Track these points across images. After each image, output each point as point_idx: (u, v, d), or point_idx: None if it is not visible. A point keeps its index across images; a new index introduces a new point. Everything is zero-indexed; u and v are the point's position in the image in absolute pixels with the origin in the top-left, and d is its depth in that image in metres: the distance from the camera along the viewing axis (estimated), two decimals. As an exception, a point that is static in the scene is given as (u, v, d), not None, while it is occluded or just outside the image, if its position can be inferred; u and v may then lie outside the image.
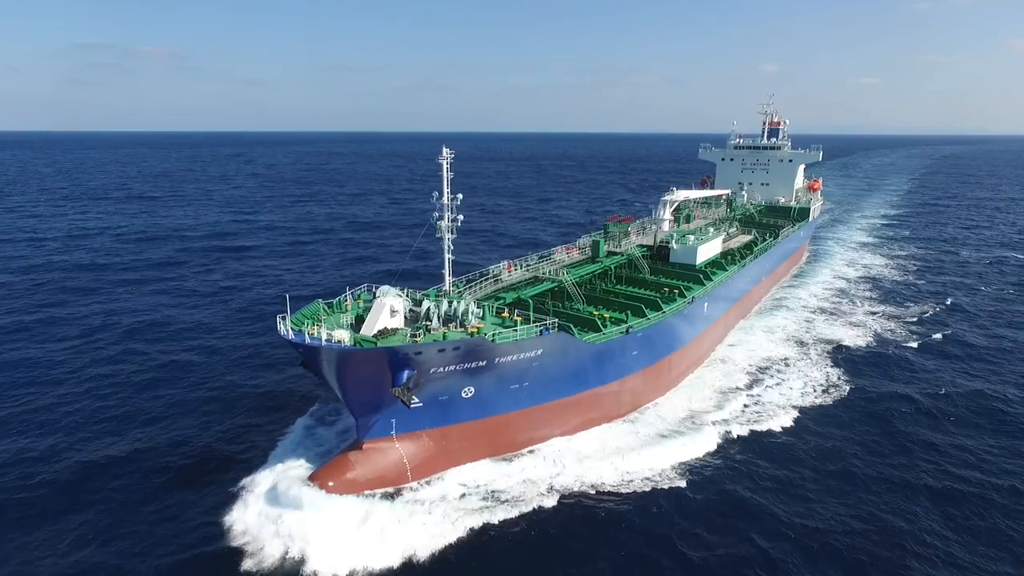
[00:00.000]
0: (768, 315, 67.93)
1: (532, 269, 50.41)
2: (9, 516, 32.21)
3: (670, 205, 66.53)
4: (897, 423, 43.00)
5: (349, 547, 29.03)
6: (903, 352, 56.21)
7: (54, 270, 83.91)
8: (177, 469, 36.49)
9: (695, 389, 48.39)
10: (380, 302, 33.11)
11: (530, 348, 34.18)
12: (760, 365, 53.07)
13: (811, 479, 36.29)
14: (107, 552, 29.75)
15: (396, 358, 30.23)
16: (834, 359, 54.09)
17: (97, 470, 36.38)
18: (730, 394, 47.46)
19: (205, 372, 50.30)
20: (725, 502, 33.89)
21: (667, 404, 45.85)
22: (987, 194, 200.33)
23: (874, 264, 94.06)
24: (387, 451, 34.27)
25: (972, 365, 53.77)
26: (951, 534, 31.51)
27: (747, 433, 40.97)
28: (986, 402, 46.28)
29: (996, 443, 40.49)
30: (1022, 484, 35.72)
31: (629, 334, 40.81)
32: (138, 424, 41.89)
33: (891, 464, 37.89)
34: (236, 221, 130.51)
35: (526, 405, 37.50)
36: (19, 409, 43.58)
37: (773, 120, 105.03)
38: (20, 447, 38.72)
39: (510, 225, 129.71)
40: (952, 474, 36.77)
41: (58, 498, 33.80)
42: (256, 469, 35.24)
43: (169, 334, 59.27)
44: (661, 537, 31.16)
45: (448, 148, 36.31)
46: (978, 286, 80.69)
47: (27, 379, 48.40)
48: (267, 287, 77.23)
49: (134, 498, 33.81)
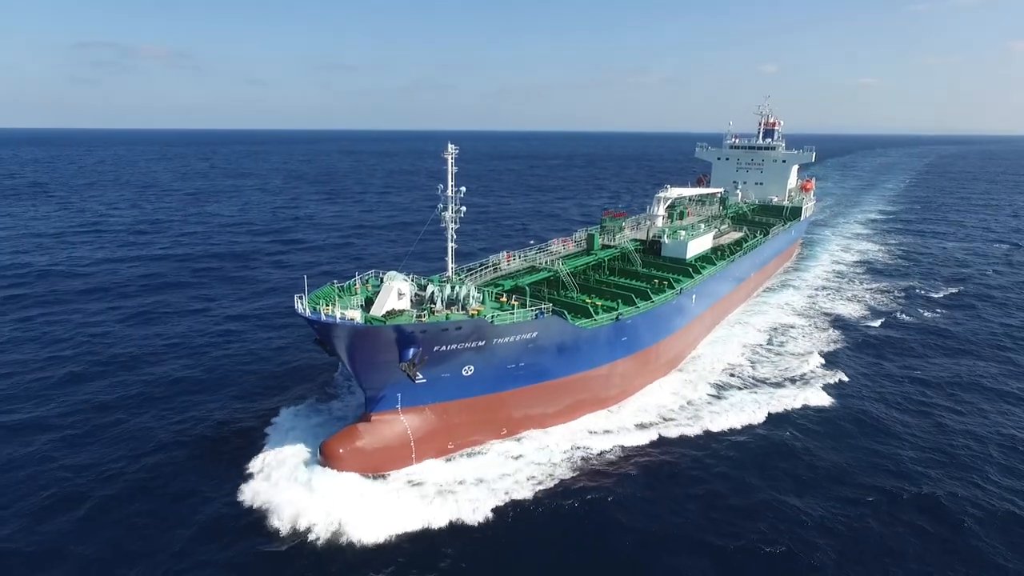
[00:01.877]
0: (759, 304, 71.87)
1: (529, 259, 53.21)
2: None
3: (664, 202, 69.16)
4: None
5: (361, 515, 31.58)
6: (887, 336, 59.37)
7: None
8: (193, 442, 39.66)
9: (686, 373, 51.50)
10: (388, 285, 35.77)
11: (526, 330, 36.91)
12: (743, 354, 56.20)
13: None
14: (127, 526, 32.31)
15: (403, 336, 32.95)
16: (808, 352, 56.96)
17: (131, 441, 39.57)
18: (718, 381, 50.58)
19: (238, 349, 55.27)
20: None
21: (656, 390, 48.61)
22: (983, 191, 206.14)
23: (869, 249, 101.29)
24: (393, 423, 36.99)
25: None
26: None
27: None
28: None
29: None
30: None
31: (619, 321, 43.52)
32: (165, 398, 45.64)
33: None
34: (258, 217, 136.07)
35: (521, 384, 40.21)
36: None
37: (769, 121, 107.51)
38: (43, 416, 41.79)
39: (510, 218, 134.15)
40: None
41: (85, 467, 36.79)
42: (269, 441, 38.38)
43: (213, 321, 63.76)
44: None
45: (453, 145, 39.10)
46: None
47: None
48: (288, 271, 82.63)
49: (156, 469, 36.77)
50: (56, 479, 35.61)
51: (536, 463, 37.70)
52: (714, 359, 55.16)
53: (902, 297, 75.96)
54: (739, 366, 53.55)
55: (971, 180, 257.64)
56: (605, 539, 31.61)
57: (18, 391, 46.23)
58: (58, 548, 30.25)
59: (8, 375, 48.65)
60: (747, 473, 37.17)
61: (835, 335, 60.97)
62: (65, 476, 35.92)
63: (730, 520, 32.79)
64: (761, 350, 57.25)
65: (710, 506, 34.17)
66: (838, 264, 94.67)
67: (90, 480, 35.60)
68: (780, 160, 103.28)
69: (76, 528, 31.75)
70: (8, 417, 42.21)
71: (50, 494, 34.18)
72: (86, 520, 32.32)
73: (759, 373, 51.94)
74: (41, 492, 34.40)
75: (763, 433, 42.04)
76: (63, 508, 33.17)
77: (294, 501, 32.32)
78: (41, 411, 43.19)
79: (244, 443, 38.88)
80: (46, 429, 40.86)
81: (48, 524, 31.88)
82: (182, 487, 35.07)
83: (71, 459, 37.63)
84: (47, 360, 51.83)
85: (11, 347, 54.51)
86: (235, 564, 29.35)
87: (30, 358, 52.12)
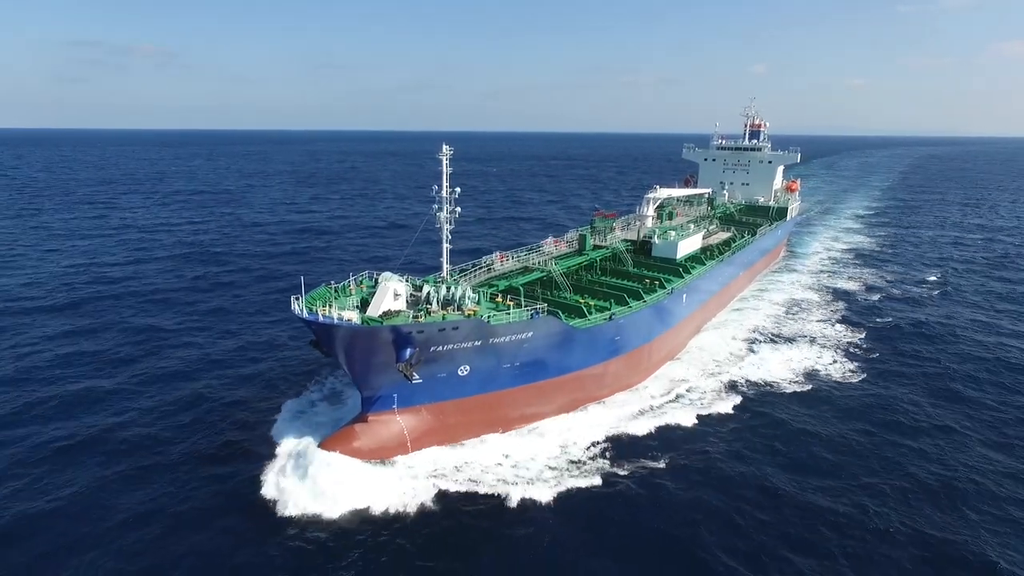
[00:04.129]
0: (750, 299, 74.09)
1: (522, 260, 53.83)
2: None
3: (653, 203, 70.11)
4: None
5: (353, 501, 32.68)
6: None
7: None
8: (193, 437, 40.40)
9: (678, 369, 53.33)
10: (384, 286, 36.25)
11: (521, 330, 37.52)
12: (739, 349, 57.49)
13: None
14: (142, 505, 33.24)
15: (400, 336, 33.45)
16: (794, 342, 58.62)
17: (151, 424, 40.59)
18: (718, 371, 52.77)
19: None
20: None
21: (651, 386, 49.71)
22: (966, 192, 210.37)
23: (857, 242, 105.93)
24: (389, 423, 37.50)
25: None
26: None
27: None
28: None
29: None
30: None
31: (612, 320, 44.24)
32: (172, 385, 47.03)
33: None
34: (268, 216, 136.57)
35: (517, 384, 40.87)
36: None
37: (755, 122, 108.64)
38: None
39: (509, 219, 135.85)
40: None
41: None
42: (271, 436, 39.25)
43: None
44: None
45: (448, 146, 39.66)
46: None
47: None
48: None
49: (167, 457, 37.80)
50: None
51: (531, 458, 38.55)
52: (707, 354, 57.08)
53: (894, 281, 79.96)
54: (736, 355, 56.66)
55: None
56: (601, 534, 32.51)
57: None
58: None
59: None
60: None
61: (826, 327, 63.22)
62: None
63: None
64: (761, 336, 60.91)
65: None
66: (827, 258, 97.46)
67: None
68: (766, 161, 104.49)
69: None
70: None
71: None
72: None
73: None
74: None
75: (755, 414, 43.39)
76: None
77: (292, 496, 33.00)
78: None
79: (245, 439, 39.58)
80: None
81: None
82: (181, 481, 35.64)
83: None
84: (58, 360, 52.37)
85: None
86: (234, 558, 29.84)
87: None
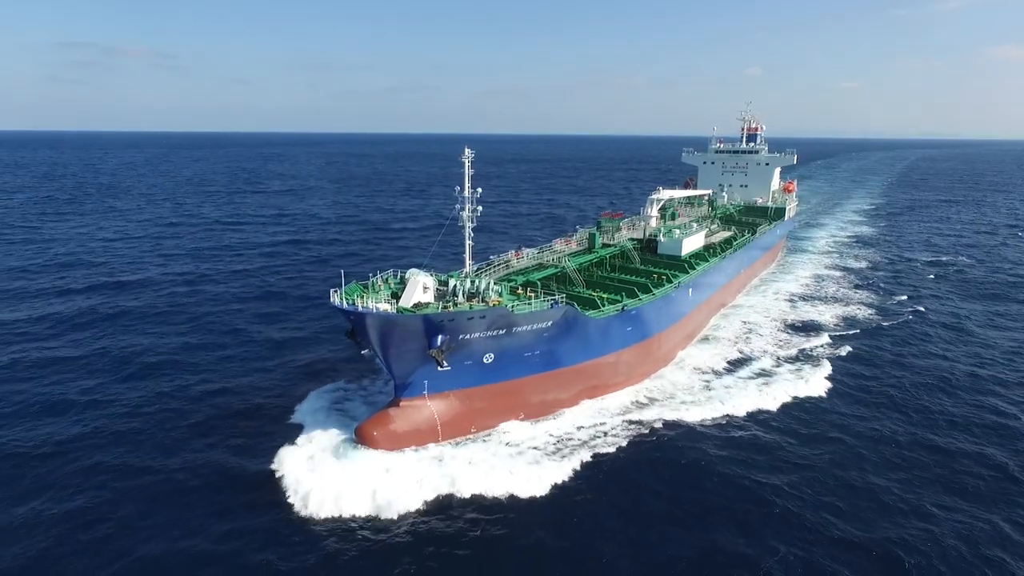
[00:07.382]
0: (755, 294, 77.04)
1: (537, 257, 56.59)
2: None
3: (657, 203, 72.88)
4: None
5: (387, 490, 34.45)
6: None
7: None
8: (227, 425, 43.02)
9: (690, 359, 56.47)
10: (415, 280, 38.75)
11: (542, 319, 40.17)
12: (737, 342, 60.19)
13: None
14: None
15: (431, 324, 36.06)
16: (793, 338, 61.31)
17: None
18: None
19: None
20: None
21: (666, 374, 52.93)
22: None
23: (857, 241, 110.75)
24: (421, 408, 40.06)
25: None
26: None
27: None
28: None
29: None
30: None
31: (624, 312, 46.93)
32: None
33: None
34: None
35: (538, 371, 43.51)
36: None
37: (751, 125, 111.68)
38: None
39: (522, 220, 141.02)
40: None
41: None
42: (303, 424, 41.59)
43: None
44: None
45: (470, 149, 42.29)
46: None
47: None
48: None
49: (190, 447, 40.22)
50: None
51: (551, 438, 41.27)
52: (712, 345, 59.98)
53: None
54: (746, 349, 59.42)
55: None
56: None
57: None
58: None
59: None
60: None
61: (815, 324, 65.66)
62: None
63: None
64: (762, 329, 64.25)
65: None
66: (823, 259, 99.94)
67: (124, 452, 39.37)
68: (763, 163, 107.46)
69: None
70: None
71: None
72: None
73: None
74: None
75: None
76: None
77: (328, 478, 35.02)
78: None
79: (278, 427, 41.96)
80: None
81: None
82: (216, 465, 38.00)
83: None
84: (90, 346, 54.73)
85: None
86: (271, 536, 31.88)
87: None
